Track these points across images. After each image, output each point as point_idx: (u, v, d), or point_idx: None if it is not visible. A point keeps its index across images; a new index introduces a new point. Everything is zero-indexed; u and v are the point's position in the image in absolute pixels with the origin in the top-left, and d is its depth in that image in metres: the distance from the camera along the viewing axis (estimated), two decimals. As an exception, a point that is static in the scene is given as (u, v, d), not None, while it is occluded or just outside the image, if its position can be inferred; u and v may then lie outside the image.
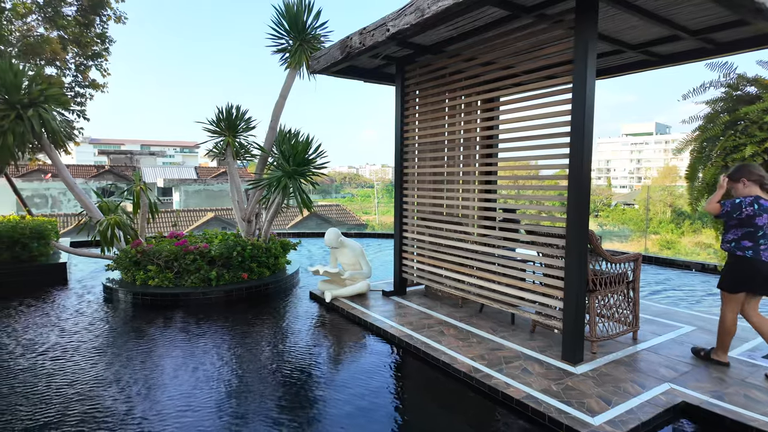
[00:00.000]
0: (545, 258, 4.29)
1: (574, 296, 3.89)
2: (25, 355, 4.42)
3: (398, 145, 6.12)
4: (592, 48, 3.70)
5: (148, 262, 6.44)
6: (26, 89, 6.48)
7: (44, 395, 3.59)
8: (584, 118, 3.74)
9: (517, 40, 4.45)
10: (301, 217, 29.93)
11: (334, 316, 5.67)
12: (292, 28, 7.27)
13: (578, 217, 3.82)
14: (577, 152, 3.81)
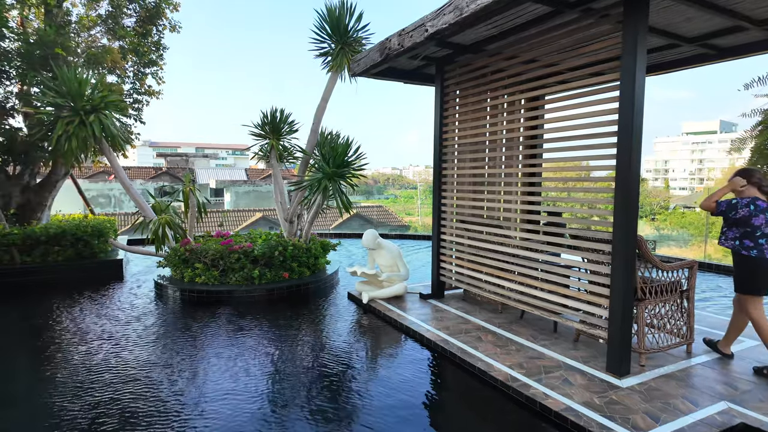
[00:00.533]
0: (590, 264, 4.09)
1: (621, 305, 3.68)
2: (86, 341, 4.75)
3: (437, 146, 6.05)
4: (641, 43, 3.49)
5: (195, 260, 6.73)
6: (89, 97, 6.94)
7: (103, 376, 3.98)
8: (633, 116, 3.53)
9: (562, 36, 4.28)
10: (344, 218, 30.42)
11: (370, 317, 5.68)
12: (334, 31, 7.36)
13: (625, 220, 3.62)
14: (624, 152, 3.60)
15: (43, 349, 4.64)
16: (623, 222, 3.63)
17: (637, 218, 3.67)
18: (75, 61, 7.78)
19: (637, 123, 3.56)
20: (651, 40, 4.72)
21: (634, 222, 3.63)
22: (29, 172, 8.44)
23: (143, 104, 10.24)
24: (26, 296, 6.77)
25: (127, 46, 9.55)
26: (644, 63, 3.55)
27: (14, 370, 4.26)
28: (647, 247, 3.82)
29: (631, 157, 3.56)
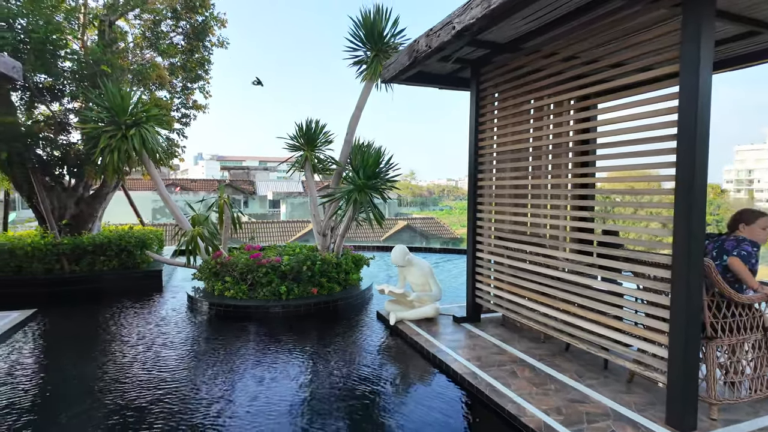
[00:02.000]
0: (645, 292, 3.43)
1: (683, 343, 3.02)
2: (122, 348, 4.86)
3: (472, 155, 5.55)
4: (707, 30, 2.89)
5: (225, 273, 6.64)
6: (131, 111, 7.13)
7: (137, 378, 4.24)
8: (696, 116, 2.91)
9: (610, 26, 3.70)
10: (395, 230, 30.13)
11: (397, 341, 5.25)
12: (368, 38, 7.11)
13: (688, 241, 2.97)
14: (686, 159, 2.98)
15: (83, 353, 4.80)
16: (685, 242, 2.98)
17: (704, 239, 3.00)
18: (122, 78, 8.06)
19: (701, 125, 2.92)
20: (725, 28, 4.01)
21: (700, 243, 2.97)
22: (83, 185, 8.87)
23: (191, 118, 10.54)
24: (73, 304, 7.00)
25: (178, 63, 9.89)
26: (711, 54, 2.92)
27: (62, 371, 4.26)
28: (716, 274, 3.12)
29: (695, 165, 2.92)
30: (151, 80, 8.56)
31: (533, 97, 4.78)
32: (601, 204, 4.30)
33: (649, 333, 3.36)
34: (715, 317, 3.24)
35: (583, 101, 4.26)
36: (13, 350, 4.90)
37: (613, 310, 3.73)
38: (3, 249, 7.43)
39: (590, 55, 4.03)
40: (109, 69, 7.60)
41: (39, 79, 7.81)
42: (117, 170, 7.04)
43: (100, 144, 6.79)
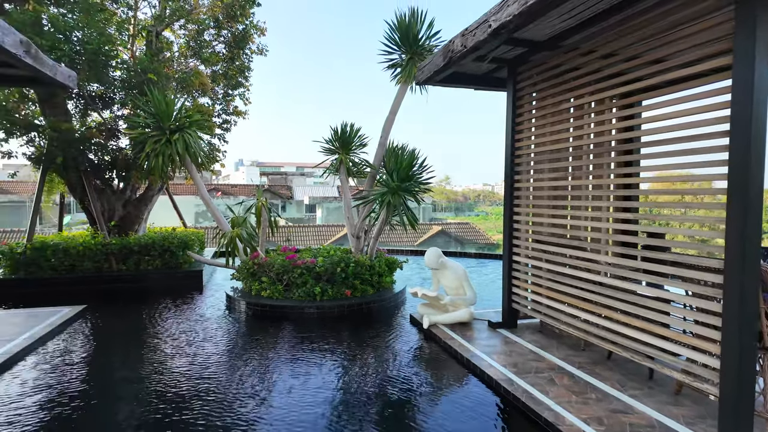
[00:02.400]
0: (695, 299, 3.24)
1: (737, 353, 2.82)
2: (164, 342, 5.13)
3: (508, 155, 5.43)
4: (763, 20, 2.69)
5: (262, 273, 6.77)
6: (175, 117, 7.42)
7: (178, 369, 4.44)
8: (750, 114, 2.73)
9: (654, 20, 3.54)
10: (429, 234, 29.94)
11: (430, 344, 5.18)
12: (404, 41, 7.11)
13: (742, 244, 2.77)
14: (740, 159, 2.79)
15: (128, 346, 5.08)
16: (738, 245, 2.79)
17: (760, 243, 2.80)
18: (167, 85, 8.41)
19: (757, 121, 2.74)
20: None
21: (755, 246, 2.77)
22: (130, 188, 9.30)
23: (231, 124, 10.87)
24: (119, 300, 7.33)
25: (220, 71, 10.24)
26: (766, 47, 2.73)
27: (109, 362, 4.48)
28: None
29: (751, 163, 2.73)
30: (194, 87, 8.89)
31: (572, 96, 4.62)
32: (646, 205, 4.11)
33: (699, 341, 3.16)
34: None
35: (625, 99, 4.09)
36: (64, 342, 5.17)
37: (660, 317, 3.54)
38: (58, 248, 7.88)
39: (631, 52, 3.87)
40: (155, 77, 7.95)
41: (92, 87, 8.26)
42: (161, 174, 7.35)
43: (146, 148, 7.10)
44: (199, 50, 9.34)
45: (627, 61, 3.95)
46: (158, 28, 9.08)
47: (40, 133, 8.00)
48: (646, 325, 3.64)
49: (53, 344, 5.12)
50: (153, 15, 9.32)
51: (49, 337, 5.27)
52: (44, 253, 7.81)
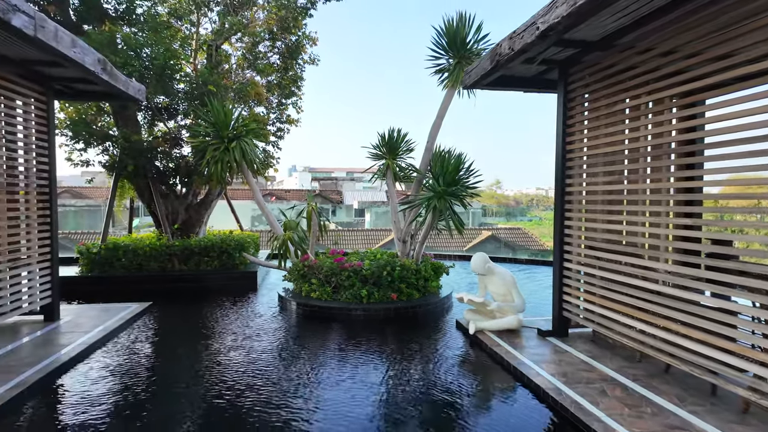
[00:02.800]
0: (762, 311, 3.01)
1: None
2: (221, 336, 5.45)
3: (560, 159, 5.28)
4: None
5: (312, 275, 6.98)
6: (233, 126, 7.83)
7: (232, 361, 4.77)
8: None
9: (717, 14, 3.34)
10: (479, 240, 29.42)
11: (476, 351, 5.12)
12: (451, 45, 7.11)
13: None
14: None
15: (189, 339, 5.35)
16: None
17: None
18: (225, 96, 8.88)
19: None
20: None
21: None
22: (192, 193, 9.89)
23: (284, 132, 11.29)
24: (181, 298, 7.82)
25: (274, 81, 10.69)
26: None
27: (172, 354, 4.83)
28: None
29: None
30: (250, 97, 9.33)
31: (628, 96, 4.43)
32: (712, 210, 3.84)
33: (767, 357, 2.93)
34: None
35: (686, 98, 3.87)
36: (133, 334, 5.60)
37: (725, 330, 3.31)
38: (128, 249, 8.53)
39: (691, 48, 3.66)
40: (215, 88, 8.43)
41: (158, 100, 8.88)
42: (220, 179, 7.77)
43: (206, 156, 7.54)
44: (254, 61, 9.80)
45: (688, 58, 3.75)
46: (217, 42, 9.63)
47: (113, 143, 8.70)
48: (708, 338, 3.43)
49: (124, 336, 5.55)
50: (212, 30, 9.90)
51: (120, 330, 5.71)
52: (116, 253, 8.48)
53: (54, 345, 4.95)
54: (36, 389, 3.96)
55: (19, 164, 5.46)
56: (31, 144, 5.59)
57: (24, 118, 5.49)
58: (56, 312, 5.87)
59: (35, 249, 5.66)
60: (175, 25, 9.53)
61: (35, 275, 5.65)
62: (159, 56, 8.05)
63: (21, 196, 5.47)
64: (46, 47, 4.29)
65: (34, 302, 5.64)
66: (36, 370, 4.20)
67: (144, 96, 6.47)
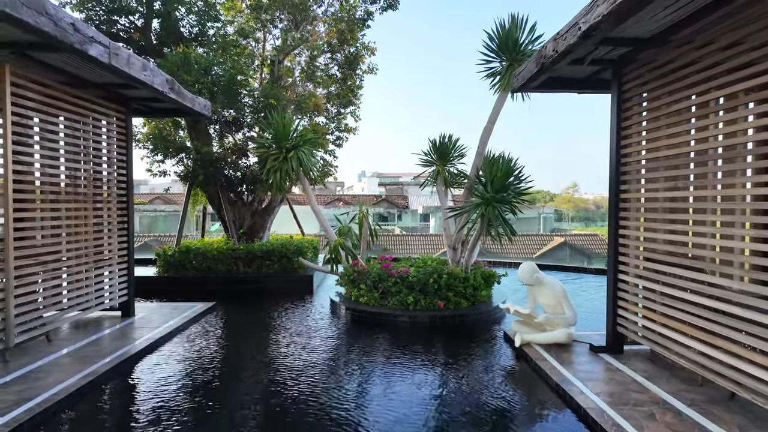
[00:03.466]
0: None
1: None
2: (275, 335, 5.93)
3: (614, 163, 4.96)
4: None
5: (361, 281, 7.12)
6: (291, 137, 8.23)
7: (285, 357, 5.15)
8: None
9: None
10: (550, 246, 28.10)
11: (521, 364, 4.94)
12: (502, 48, 6.94)
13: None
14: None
15: (248, 337, 5.72)
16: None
17: None
18: (286, 108, 9.35)
19: None
20: None
21: None
22: (257, 200, 10.50)
23: (343, 140, 11.64)
24: (243, 299, 8.33)
25: (334, 92, 11.08)
26: None
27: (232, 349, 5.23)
28: None
29: None
30: (310, 108, 9.74)
31: (692, 94, 4.04)
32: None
33: None
34: None
35: (763, 91, 3.42)
36: (196, 331, 6.08)
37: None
38: (198, 252, 9.25)
39: (760, 39, 3.29)
40: (275, 101, 8.91)
41: (227, 113, 9.56)
42: (280, 187, 8.18)
43: (267, 165, 7.99)
44: (312, 74, 10.21)
45: (756, 49, 3.36)
46: (279, 57, 10.17)
47: (187, 155, 9.50)
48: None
49: (187, 332, 6.04)
50: (274, 46, 10.48)
51: (185, 327, 6.22)
52: (188, 256, 9.23)
53: (127, 338, 5.51)
54: (109, 375, 4.45)
55: (102, 176, 6.17)
56: (113, 158, 6.28)
57: (107, 135, 6.19)
58: (132, 309, 6.52)
59: (115, 251, 6.34)
60: (242, 44, 10.21)
61: (115, 275, 6.33)
62: (226, 73, 8.68)
63: (103, 204, 6.16)
64: (120, 72, 4.82)
65: (114, 299, 6.31)
66: (110, 360, 4.71)
67: (209, 111, 7.02)
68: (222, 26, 9.93)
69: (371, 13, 10.48)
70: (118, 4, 8.94)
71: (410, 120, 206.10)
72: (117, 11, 9.04)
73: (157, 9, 9.22)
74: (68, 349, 5.07)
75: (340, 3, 10.53)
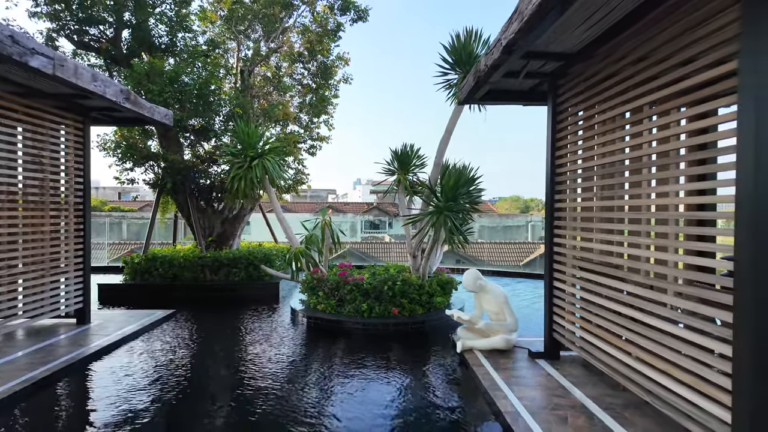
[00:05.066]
0: (698, 334, 2.76)
1: (752, 407, 2.34)
2: (230, 343, 5.64)
3: (549, 174, 5.11)
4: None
5: (320, 288, 7.20)
6: (258, 145, 8.33)
7: (232, 362, 4.80)
8: (756, 114, 2.31)
9: (670, 24, 3.15)
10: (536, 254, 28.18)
11: (462, 370, 5.04)
12: (458, 61, 7.11)
13: (756, 275, 2.33)
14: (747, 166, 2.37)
15: (202, 345, 5.68)
16: (750, 277, 2.34)
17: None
18: (257, 117, 9.47)
19: (766, 126, 2.30)
20: None
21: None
22: (228, 208, 10.57)
23: (317, 149, 11.76)
24: (206, 307, 8.36)
25: (308, 101, 11.22)
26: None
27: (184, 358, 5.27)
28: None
29: (757, 173, 2.31)
30: (279, 117, 9.86)
31: (616, 105, 4.16)
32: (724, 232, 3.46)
33: (707, 387, 2.67)
34: (817, 382, 2.42)
35: (665, 103, 3.54)
36: (150, 339, 6.12)
37: (690, 364, 3.03)
38: (165, 260, 9.29)
39: (659, 54, 3.44)
40: (241, 110, 9.03)
41: (195, 122, 9.65)
42: (245, 195, 8.27)
43: (231, 173, 8.09)
44: (278, 83, 10.34)
45: (658, 64, 3.52)
46: (250, 67, 10.30)
47: (156, 163, 9.57)
48: (668, 368, 3.16)
49: (140, 339, 6.09)
50: (245, 57, 10.62)
51: (139, 334, 6.26)
52: (155, 264, 9.26)
53: (76, 345, 5.54)
54: (43, 383, 4.48)
55: (60, 184, 6.23)
56: (70, 166, 6.35)
57: (65, 144, 6.27)
58: (87, 316, 6.55)
59: (72, 259, 6.39)
60: (215, 53, 10.34)
61: (71, 282, 6.37)
62: (194, 83, 8.79)
63: (60, 212, 6.21)
64: (68, 83, 4.91)
65: (69, 306, 6.35)
66: (49, 367, 4.75)
67: (171, 120, 7.11)
68: (193, 36, 10.06)
69: (341, 25, 10.66)
70: (88, 14, 9.06)
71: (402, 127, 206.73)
72: (87, 21, 9.15)
73: (128, 19, 9.35)
74: (12, 356, 5.10)
75: (312, 15, 10.71)
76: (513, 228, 38.44)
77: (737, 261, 2.42)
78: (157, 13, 9.48)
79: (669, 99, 3.52)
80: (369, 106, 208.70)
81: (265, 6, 10.15)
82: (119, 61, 9.49)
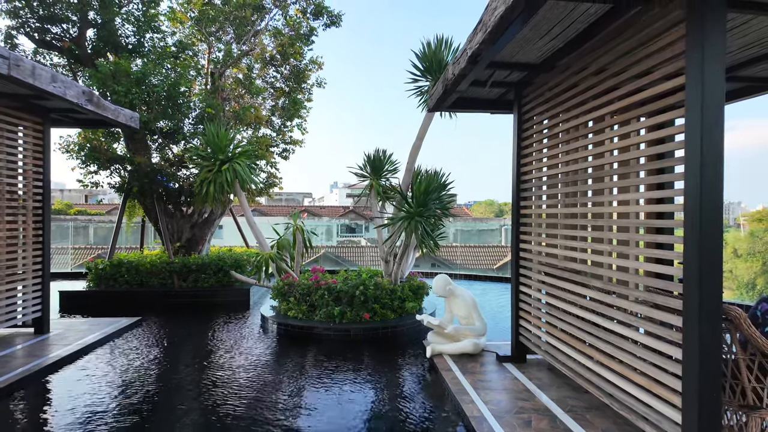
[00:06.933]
0: (654, 339, 2.87)
1: (699, 408, 2.44)
2: (194, 351, 5.45)
3: (515, 180, 5.22)
4: (712, 48, 2.43)
5: (291, 294, 7.13)
6: (226, 149, 8.21)
7: (196, 372, 4.69)
8: (701, 128, 2.43)
9: (626, 38, 3.29)
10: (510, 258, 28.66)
11: (431, 375, 5.08)
12: (429, 68, 7.20)
13: (701, 278, 2.43)
14: (693, 175, 2.48)
15: (162, 351, 5.51)
16: (695, 281, 2.45)
17: (721, 274, 2.43)
18: (224, 120, 9.33)
19: (710, 138, 2.42)
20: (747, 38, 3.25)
21: (717, 279, 2.41)
22: (197, 212, 10.36)
23: (290, 152, 11.67)
24: (174, 314, 8.16)
25: (280, 104, 11.13)
26: (720, 54, 2.43)
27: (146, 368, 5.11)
28: (749, 326, 2.48)
29: (702, 183, 2.42)
30: (250, 120, 9.74)
31: (571, 116, 4.32)
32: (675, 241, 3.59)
33: (661, 390, 2.78)
34: (759, 381, 2.56)
35: (624, 114, 3.65)
36: (113, 348, 5.93)
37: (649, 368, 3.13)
38: (131, 266, 9.03)
39: (616, 67, 3.58)
40: (213, 111, 8.88)
41: (163, 124, 9.45)
42: (214, 199, 8.12)
43: (199, 177, 7.94)
44: (249, 86, 10.24)
45: (616, 75, 3.66)
46: (220, 70, 10.16)
47: (122, 166, 9.31)
48: (622, 369, 3.26)
49: (102, 349, 5.89)
50: (215, 58, 10.47)
51: (101, 344, 6.06)
52: (120, 270, 8.99)
53: (32, 356, 5.32)
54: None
55: (17, 188, 5.99)
56: (28, 169, 6.12)
57: (23, 146, 6.03)
58: (46, 325, 6.30)
59: (30, 265, 6.14)
60: (185, 55, 10.14)
61: (29, 290, 6.12)
62: (162, 84, 8.61)
63: (17, 217, 5.97)
64: (24, 84, 4.73)
65: (26, 315, 6.09)
66: (2, 380, 4.54)
67: (137, 122, 6.93)
68: (162, 37, 9.84)
69: (314, 29, 10.63)
70: (50, 13, 8.76)
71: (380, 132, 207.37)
72: (49, 19, 8.85)
73: (92, 18, 9.08)
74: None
75: (284, 18, 10.65)
76: (487, 232, 39.02)
77: (685, 266, 2.53)
78: (124, 12, 9.24)
79: (628, 109, 3.66)
80: (346, 110, 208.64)
81: (237, 8, 10.04)
82: (83, 61, 9.20)
